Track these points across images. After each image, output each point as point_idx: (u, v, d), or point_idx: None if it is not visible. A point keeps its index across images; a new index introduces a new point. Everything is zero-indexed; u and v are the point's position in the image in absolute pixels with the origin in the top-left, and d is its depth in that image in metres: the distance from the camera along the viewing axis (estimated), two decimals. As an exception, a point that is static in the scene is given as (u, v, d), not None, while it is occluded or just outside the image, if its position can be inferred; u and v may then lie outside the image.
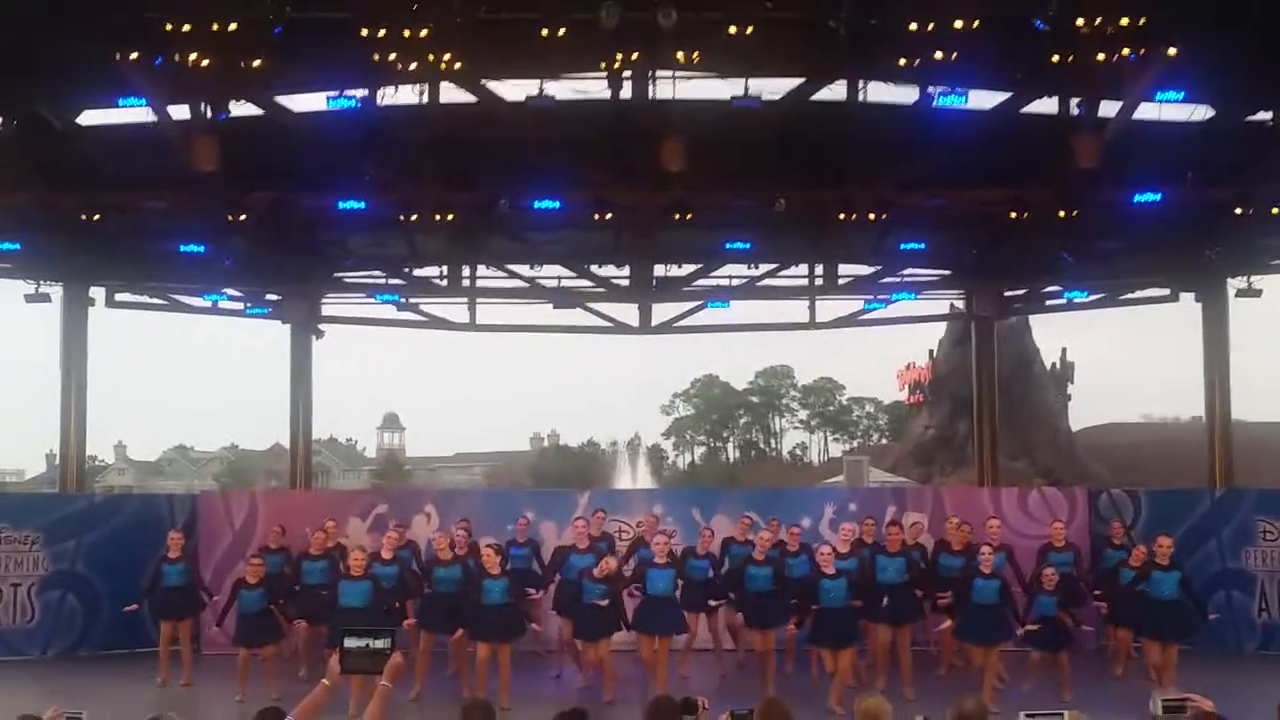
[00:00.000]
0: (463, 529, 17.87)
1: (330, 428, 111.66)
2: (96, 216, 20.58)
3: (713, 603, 17.50)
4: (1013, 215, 20.65)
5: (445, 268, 26.00)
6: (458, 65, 16.03)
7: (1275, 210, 20.13)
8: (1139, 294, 27.01)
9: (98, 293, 24.93)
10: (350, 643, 6.68)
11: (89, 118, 20.29)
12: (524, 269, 25.71)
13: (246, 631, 16.42)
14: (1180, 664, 15.42)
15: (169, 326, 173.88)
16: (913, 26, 15.05)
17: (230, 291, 26.66)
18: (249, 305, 27.22)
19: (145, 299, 26.19)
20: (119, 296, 25.62)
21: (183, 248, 22.96)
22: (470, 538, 17.61)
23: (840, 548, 16.27)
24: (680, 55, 16.06)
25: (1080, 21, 14.88)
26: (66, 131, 19.98)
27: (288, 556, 18.04)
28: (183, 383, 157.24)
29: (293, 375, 27.51)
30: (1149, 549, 16.10)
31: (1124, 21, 14.82)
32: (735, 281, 25.90)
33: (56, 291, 23.92)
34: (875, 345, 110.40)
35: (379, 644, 6.69)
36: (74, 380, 24.36)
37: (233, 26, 15.11)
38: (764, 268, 25.77)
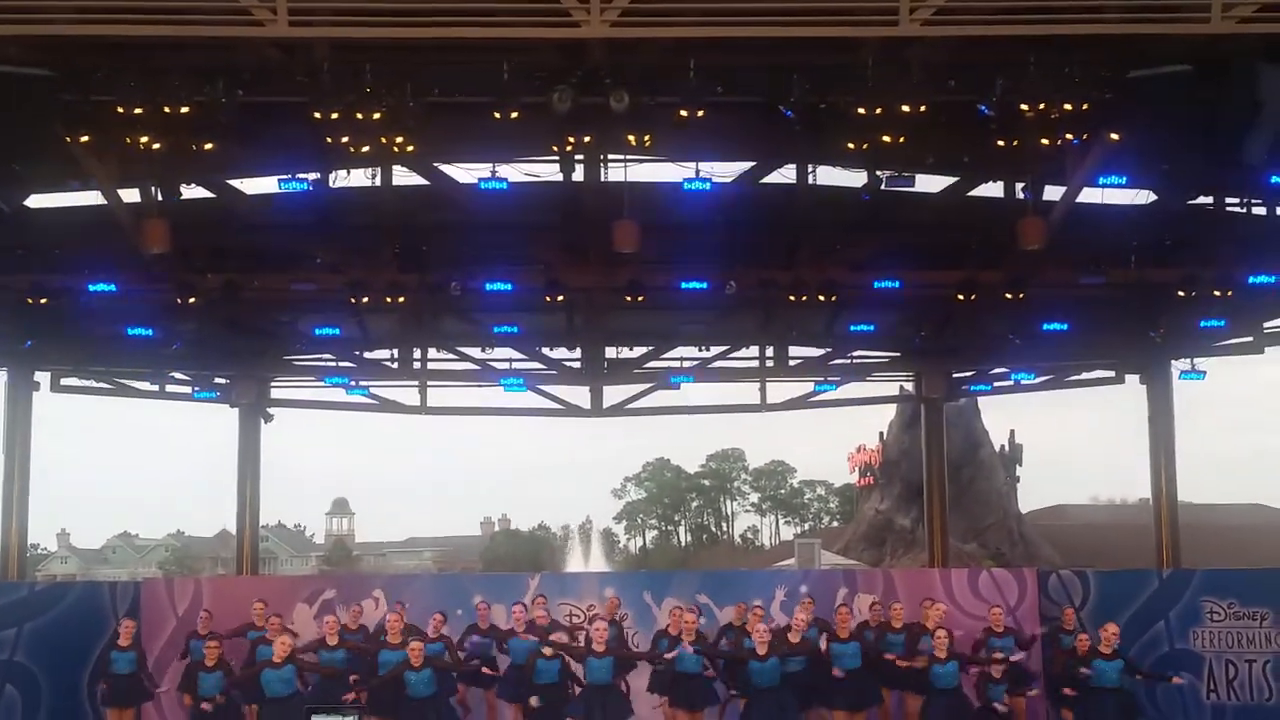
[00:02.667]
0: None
1: (278, 514, 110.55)
2: (43, 300, 20.38)
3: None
4: (960, 297, 20.85)
5: (396, 350, 25.94)
6: (410, 148, 16.01)
7: (1218, 293, 20.43)
8: (1085, 376, 27.32)
9: (43, 377, 24.66)
10: None
11: (37, 200, 20.16)
12: (475, 351, 25.67)
13: (203, 717, 16.03)
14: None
15: (114, 411, 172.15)
16: (860, 110, 15.21)
17: (178, 375, 26.44)
18: (197, 389, 26.98)
19: (91, 383, 25.92)
20: (64, 381, 25.34)
21: (131, 331, 22.78)
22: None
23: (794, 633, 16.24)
24: (632, 138, 16.11)
25: (1024, 107, 15.08)
26: (14, 213, 19.82)
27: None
28: (128, 468, 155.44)
29: (240, 460, 27.22)
30: (1093, 635, 16.22)
31: (1067, 107, 15.01)
32: (686, 363, 25.97)
33: (0, 376, 23.66)
34: (826, 428, 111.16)
35: None
36: (16, 466, 24.03)
37: (184, 109, 15.03)
38: (715, 350, 25.87)
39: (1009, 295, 20.51)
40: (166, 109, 15.00)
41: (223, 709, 16.07)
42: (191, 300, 20.37)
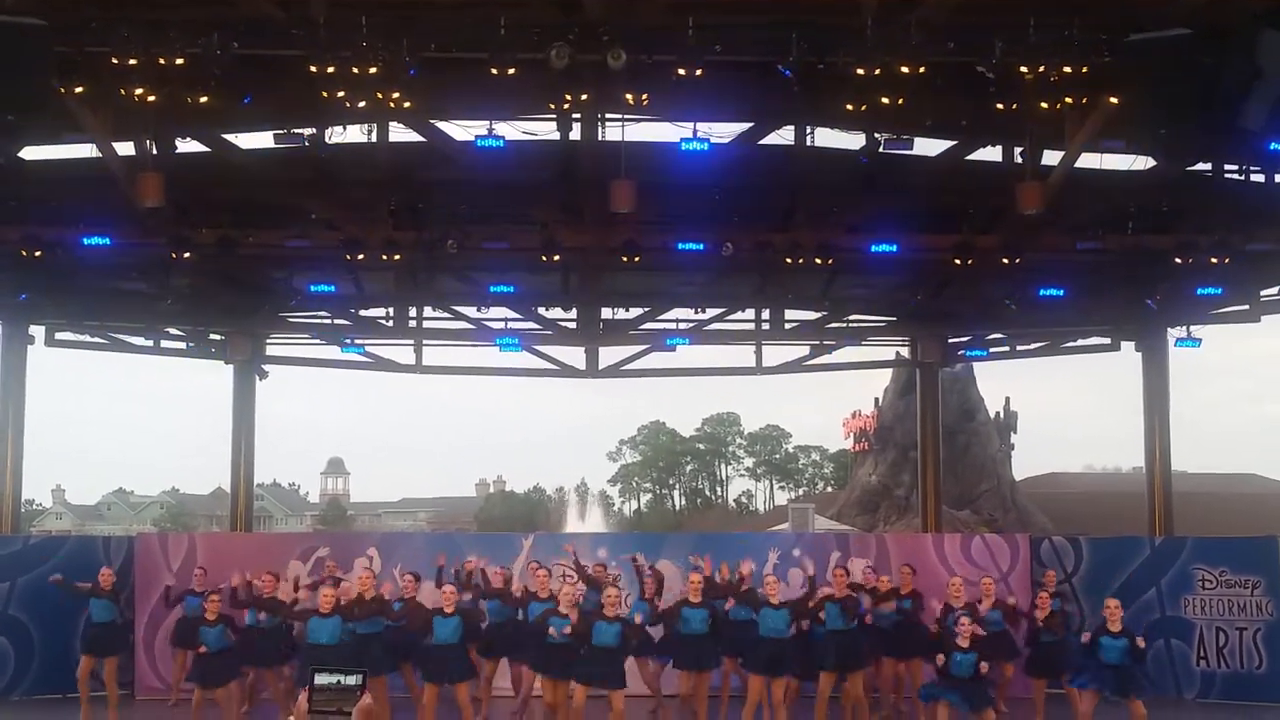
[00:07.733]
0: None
1: (274, 472, 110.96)
2: (38, 253, 20.30)
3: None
4: (957, 262, 20.80)
5: (391, 309, 25.90)
6: (406, 104, 15.99)
7: (1215, 260, 20.36)
8: (1081, 342, 27.33)
9: (37, 331, 24.62)
10: (320, 679, 6.51)
11: (31, 152, 20.05)
12: (471, 310, 25.64)
13: (204, 670, 16.00)
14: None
15: (110, 367, 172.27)
16: (860, 71, 15.14)
17: (173, 331, 26.41)
18: (192, 345, 26.96)
19: (86, 338, 25.87)
20: (59, 335, 25.30)
21: (125, 286, 22.73)
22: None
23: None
24: (629, 97, 16.09)
25: (1024, 69, 15.04)
26: (8, 165, 19.72)
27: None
28: (124, 425, 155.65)
29: (235, 417, 27.23)
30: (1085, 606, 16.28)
31: (1066, 70, 14.99)
32: (682, 325, 25.96)
33: (-5, 329, 23.65)
34: (821, 393, 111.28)
35: (350, 681, 6.53)
36: (11, 421, 24.00)
37: (179, 61, 14.97)
38: (711, 312, 25.85)
39: (1006, 260, 20.45)
40: (161, 61, 14.97)
41: (221, 660, 16.09)
42: (186, 255, 20.28)
